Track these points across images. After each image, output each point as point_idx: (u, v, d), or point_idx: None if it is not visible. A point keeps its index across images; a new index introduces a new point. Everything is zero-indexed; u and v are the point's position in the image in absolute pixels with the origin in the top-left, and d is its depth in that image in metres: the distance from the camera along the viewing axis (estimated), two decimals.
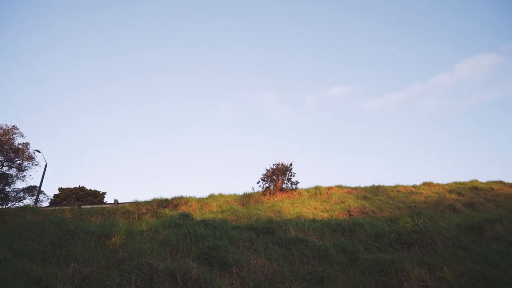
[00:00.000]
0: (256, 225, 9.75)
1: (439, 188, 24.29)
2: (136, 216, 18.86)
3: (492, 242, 7.66)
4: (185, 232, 9.19)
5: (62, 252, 8.12)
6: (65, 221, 10.99)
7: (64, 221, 10.98)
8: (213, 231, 9.37)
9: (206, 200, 21.00)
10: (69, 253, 7.98)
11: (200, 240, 8.76)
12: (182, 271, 6.66)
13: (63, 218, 11.23)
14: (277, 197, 21.43)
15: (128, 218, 18.16)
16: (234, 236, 8.78)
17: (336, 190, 22.84)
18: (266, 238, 8.94)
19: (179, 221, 10.32)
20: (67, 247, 8.45)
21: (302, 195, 22.13)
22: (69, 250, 8.16)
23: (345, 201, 20.46)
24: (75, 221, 14.70)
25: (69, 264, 7.59)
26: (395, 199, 21.26)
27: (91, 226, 9.67)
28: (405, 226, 8.96)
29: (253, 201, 21.11)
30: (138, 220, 18.54)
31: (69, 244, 8.60)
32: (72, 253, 7.97)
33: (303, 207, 19.93)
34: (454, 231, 8.61)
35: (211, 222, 10.03)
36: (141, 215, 18.94)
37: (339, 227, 9.88)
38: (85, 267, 7.44)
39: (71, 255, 7.89)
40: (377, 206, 19.54)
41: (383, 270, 6.67)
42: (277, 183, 21.90)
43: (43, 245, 8.46)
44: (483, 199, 21.59)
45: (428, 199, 21.30)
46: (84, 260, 7.70)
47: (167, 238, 8.98)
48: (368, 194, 22.05)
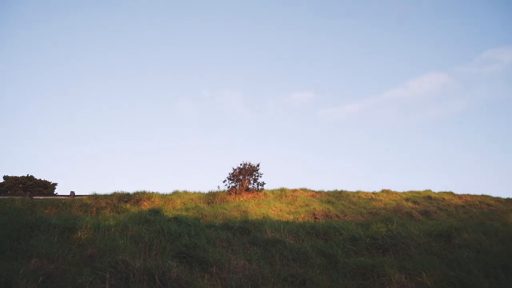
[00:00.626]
0: (231, 225, 9.51)
1: (396, 196, 25.35)
2: (95, 210, 17.86)
3: (461, 250, 8.00)
4: (158, 229, 8.75)
5: (21, 247, 7.40)
6: (21, 212, 10.09)
7: (20, 212, 10.07)
8: (187, 229, 9.01)
9: (169, 197, 20.36)
10: (29, 248, 7.28)
11: (175, 238, 8.38)
12: (160, 270, 6.29)
13: (19, 208, 10.29)
14: (242, 197, 21.27)
15: (86, 211, 17.14)
16: (210, 235, 8.49)
17: (301, 193, 23.10)
18: (242, 238, 8.74)
19: (149, 217, 9.83)
20: (27, 241, 7.71)
21: (268, 196, 22.15)
22: (29, 244, 7.45)
23: (310, 204, 20.73)
24: (27, 212, 13.61)
25: (30, 259, 6.94)
26: (357, 205, 21.89)
27: (52, 219, 8.93)
28: (379, 231, 9.15)
29: (219, 200, 20.79)
30: (96, 214, 17.58)
31: (28, 238, 7.85)
32: (33, 248, 7.28)
33: (269, 208, 19.93)
34: (425, 238, 8.91)
35: (184, 220, 9.65)
36: (100, 209, 17.96)
37: (313, 229, 9.90)
38: (49, 263, 6.82)
39: (32, 250, 7.20)
40: (341, 210, 20.00)
41: (365, 274, 6.72)
42: (244, 183, 21.74)
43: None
44: (436, 208, 22.82)
45: (387, 206, 22.16)
46: (47, 256, 7.06)
47: (138, 234, 8.50)
48: (332, 199, 22.52)
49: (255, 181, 21.94)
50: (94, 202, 18.58)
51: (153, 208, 11.45)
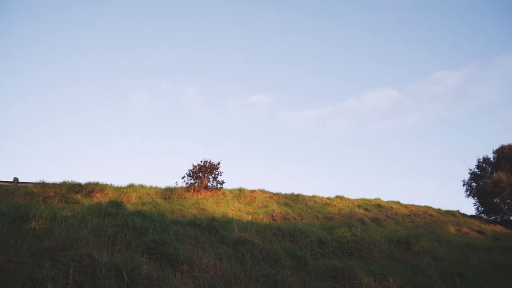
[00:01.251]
0: (198, 222, 9.26)
1: (349, 202, 26.30)
2: (41, 199, 16.65)
3: (421, 256, 8.43)
4: (122, 222, 8.29)
5: None
6: None
7: None
8: (152, 224, 8.63)
9: (124, 190, 19.47)
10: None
11: (141, 233, 7.98)
12: (129, 266, 5.93)
13: None
14: (201, 194, 20.90)
15: (31, 200, 15.91)
16: (178, 231, 8.20)
17: (259, 194, 23.19)
18: (210, 236, 8.53)
19: (110, 210, 9.28)
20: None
21: (226, 195, 21.97)
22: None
23: (268, 205, 20.87)
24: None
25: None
26: (313, 209, 22.41)
27: (1, 206, 8.13)
28: (344, 235, 9.38)
29: (176, 196, 20.27)
30: (43, 204, 16.39)
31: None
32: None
33: (227, 208, 19.77)
34: (386, 244, 9.28)
35: (149, 214, 9.24)
36: (47, 199, 16.76)
37: (279, 231, 9.92)
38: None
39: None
40: (298, 213, 20.35)
41: (336, 276, 6.83)
42: (203, 181, 21.38)
43: None
44: (385, 216, 24.00)
45: (341, 211, 22.92)
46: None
47: (99, 227, 7.98)
48: (289, 201, 22.85)
49: (214, 179, 21.67)
50: (41, 190, 17.28)
51: (114, 200, 10.83)
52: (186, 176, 21.55)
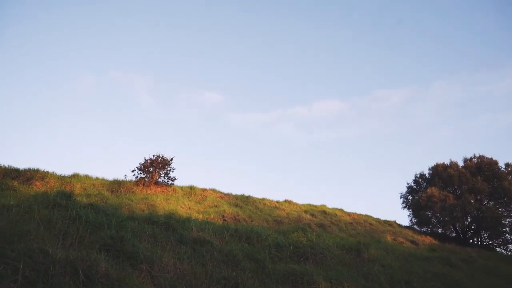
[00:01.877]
0: (155, 219, 8.95)
1: (296, 207, 26.99)
2: None
3: (371, 263, 8.89)
4: (73, 215, 7.76)
5: None
6: None
7: None
8: (107, 219, 8.18)
9: (68, 179, 18.23)
10: None
11: (96, 228, 7.52)
12: (86, 264, 5.57)
13: None
14: (151, 190, 20.21)
15: None
16: (135, 228, 7.86)
17: (210, 193, 22.98)
18: (168, 234, 8.29)
19: (60, 201, 8.65)
20: None
21: (177, 192, 21.48)
22: None
23: (219, 205, 20.75)
24: None
25: None
26: (263, 211, 22.66)
27: None
28: (300, 240, 9.61)
29: (124, 190, 19.38)
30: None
31: None
32: None
33: (178, 205, 19.34)
34: (338, 250, 9.66)
35: (103, 208, 8.76)
36: None
37: (236, 232, 9.91)
38: None
39: None
40: (248, 215, 20.46)
41: (295, 280, 6.97)
42: (154, 176, 20.70)
43: None
44: (330, 222, 24.96)
45: (290, 216, 23.43)
46: None
47: (48, 220, 7.41)
48: (240, 203, 22.90)
49: (166, 175, 21.07)
50: None
51: (63, 190, 10.07)
52: (136, 170, 20.71)
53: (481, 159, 31.06)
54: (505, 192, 27.90)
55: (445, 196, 28.40)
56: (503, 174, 29.21)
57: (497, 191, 28.69)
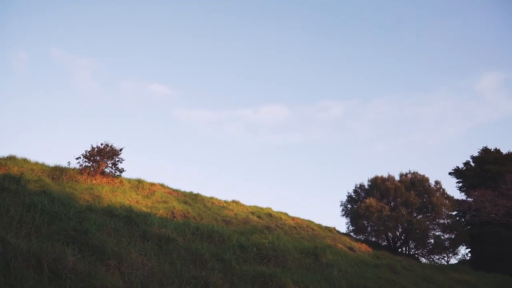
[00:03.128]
0: (116, 212, 8.43)
1: (243, 208, 27.09)
2: None
3: (329, 268, 9.21)
4: (27, 203, 7.06)
5: None
6: None
7: None
8: (64, 208, 7.56)
9: (3, 162, 16.53)
10: None
11: (53, 217, 6.91)
12: (51, 257, 5.09)
13: None
14: (96, 180, 19.03)
15: None
16: (96, 220, 7.36)
17: (159, 188, 22.23)
18: (131, 229, 7.87)
19: (8, 186, 7.82)
20: None
21: (124, 184, 20.46)
22: None
23: (168, 201, 20.15)
24: None
25: None
26: (211, 210, 22.43)
27: None
28: (262, 242, 9.67)
29: (66, 178, 18.05)
30: None
31: None
32: None
33: (125, 198, 18.43)
34: (297, 253, 9.88)
35: (57, 196, 8.07)
36: None
37: (197, 230, 9.70)
38: None
39: None
40: (198, 213, 20.14)
41: (265, 282, 7.00)
42: (101, 165, 19.51)
43: None
44: (275, 225, 25.41)
45: (238, 216, 23.45)
46: None
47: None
48: (188, 200, 22.45)
49: (114, 165, 19.97)
50: None
51: (9, 173, 9.07)
52: (81, 157, 19.36)
53: (414, 175, 33.72)
54: (433, 207, 30.58)
55: (381, 207, 30.35)
56: (432, 190, 32.00)
57: (425, 206, 31.33)
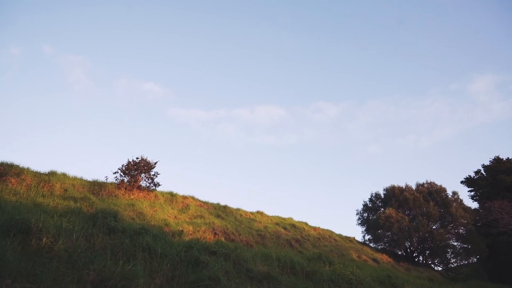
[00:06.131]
0: (214, 249, 8.38)
1: (267, 219, 27.07)
2: None
3: None
4: (143, 245, 6.99)
5: None
6: None
7: None
8: (169, 248, 7.49)
9: (45, 177, 16.29)
10: None
11: (171, 261, 6.85)
12: None
13: None
14: (133, 194, 18.88)
15: None
16: (210, 262, 7.31)
17: (191, 201, 22.11)
18: (237, 268, 7.84)
19: (111, 223, 7.72)
20: None
21: (159, 198, 20.32)
22: None
23: (203, 215, 20.06)
24: None
25: None
26: (243, 223, 22.37)
27: None
28: (345, 273, 9.69)
29: (106, 193, 17.87)
30: None
31: None
32: None
33: (163, 213, 18.31)
34: (374, 283, 9.92)
35: (156, 232, 8.00)
36: None
37: (279, 262, 9.69)
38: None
39: None
40: (235, 228, 20.06)
41: None
42: (137, 180, 19.36)
43: None
44: (302, 238, 25.46)
45: (268, 229, 23.41)
46: None
47: (112, 249, 6.58)
48: (221, 213, 22.36)
49: (151, 180, 19.84)
50: None
51: (106, 209, 8.91)
52: (119, 172, 19.20)
53: (431, 185, 34.04)
54: (452, 218, 30.89)
55: (401, 218, 30.57)
56: (450, 200, 32.31)
57: (444, 216, 31.64)
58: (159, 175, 20.37)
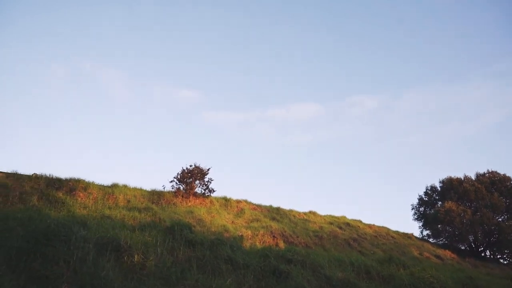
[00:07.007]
0: (290, 256, 8.26)
1: (321, 219, 26.59)
2: (17, 195, 13.75)
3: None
4: (223, 256, 7.00)
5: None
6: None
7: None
8: (248, 258, 7.45)
9: (109, 190, 17.06)
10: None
11: (255, 272, 6.81)
12: None
13: None
14: (190, 201, 19.30)
15: (6, 196, 13.12)
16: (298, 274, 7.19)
17: (245, 205, 22.21)
18: (317, 277, 7.66)
19: (187, 235, 7.82)
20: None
21: (214, 204, 20.63)
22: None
23: (259, 219, 20.06)
24: None
25: None
26: (298, 225, 22.14)
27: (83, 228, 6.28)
28: (424, 276, 9.20)
29: (165, 201, 18.41)
30: (19, 200, 13.77)
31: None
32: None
33: (220, 219, 18.53)
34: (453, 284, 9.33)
35: (233, 243, 8.00)
36: (24, 195, 13.90)
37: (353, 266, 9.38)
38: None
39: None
40: (292, 230, 19.89)
41: None
42: (193, 187, 19.78)
43: None
44: (359, 237, 24.75)
45: (323, 229, 23.00)
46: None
47: (203, 262, 6.62)
48: (275, 215, 22.29)
49: (206, 186, 20.19)
50: (15, 183, 14.26)
51: (180, 221, 9.15)
52: (174, 180, 19.74)
53: (493, 174, 31.89)
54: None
55: (462, 211, 28.89)
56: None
57: (511, 207, 29.50)
58: (212, 181, 20.72)
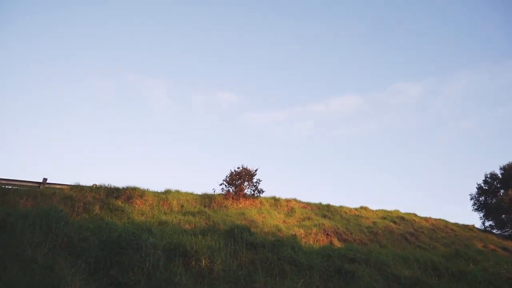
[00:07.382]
0: (351, 256, 8.06)
1: (373, 214, 25.80)
2: (82, 205, 14.63)
3: None
4: (286, 257, 6.96)
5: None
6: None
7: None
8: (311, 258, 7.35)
9: (163, 196, 17.69)
10: None
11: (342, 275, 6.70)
12: None
13: None
14: (240, 203, 19.51)
15: (72, 206, 13.96)
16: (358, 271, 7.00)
17: (294, 204, 22.09)
18: (383, 274, 7.40)
19: (248, 238, 7.87)
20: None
21: (264, 204, 20.70)
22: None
23: (311, 217, 19.85)
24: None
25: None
26: (350, 221, 21.62)
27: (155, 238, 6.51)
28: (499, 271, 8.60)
29: (216, 204, 18.75)
30: (83, 210, 14.58)
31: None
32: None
33: (272, 219, 18.54)
34: None
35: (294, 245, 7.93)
36: (88, 205, 14.76)
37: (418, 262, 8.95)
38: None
39: None
40: (345, 227, 19.47)
41: None
42: (242, 188, 19.97)
43: None
44: (415, 231, 23.69)
45: (377, 225, 22.29)
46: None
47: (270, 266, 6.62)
48: (326, 213, 21.95)
49: (255, 187, 20.31)
50: (78, 194, 15.20)
51: (238, 224, 9.32)
52: (224, 183, 20.06)
53: None
54: None
55: None
56: None
57: None
58: (261, 181, 20.81)
